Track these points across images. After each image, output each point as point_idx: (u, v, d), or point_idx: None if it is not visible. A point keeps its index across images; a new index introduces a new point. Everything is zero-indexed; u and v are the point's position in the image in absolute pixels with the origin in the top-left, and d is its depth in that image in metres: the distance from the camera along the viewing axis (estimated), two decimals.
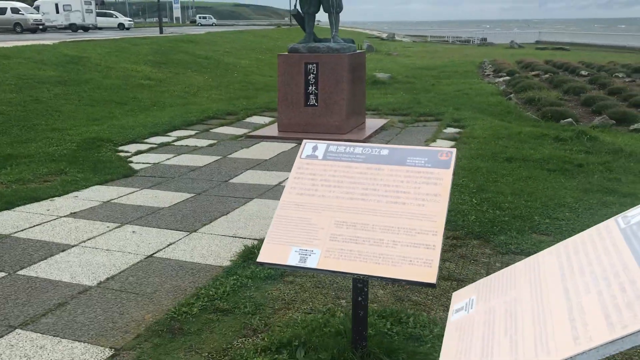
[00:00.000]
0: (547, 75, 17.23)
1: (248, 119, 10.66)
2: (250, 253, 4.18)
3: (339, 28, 9.27)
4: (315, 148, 2.82)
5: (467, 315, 1.96)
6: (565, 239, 4.98)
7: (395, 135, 9.01)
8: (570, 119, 10.11)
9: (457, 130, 9.07)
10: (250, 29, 42.64)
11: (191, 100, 13.32)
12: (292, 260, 2.45)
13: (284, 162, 7.29)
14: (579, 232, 5.04)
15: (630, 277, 1.51)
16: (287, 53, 9.02)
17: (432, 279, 2.26)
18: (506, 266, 4.21)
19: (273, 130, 9.30)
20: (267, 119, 10.67)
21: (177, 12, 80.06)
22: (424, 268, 2.30)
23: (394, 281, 2.33)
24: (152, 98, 12.86)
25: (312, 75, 8.75)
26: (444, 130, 9.06)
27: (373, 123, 9.71)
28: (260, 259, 2.50)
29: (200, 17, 74.40)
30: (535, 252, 4.43)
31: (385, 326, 3.17)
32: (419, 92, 14.03)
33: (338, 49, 8.75)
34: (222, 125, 10.01)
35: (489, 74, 18.95)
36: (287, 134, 8.88)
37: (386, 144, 8.40)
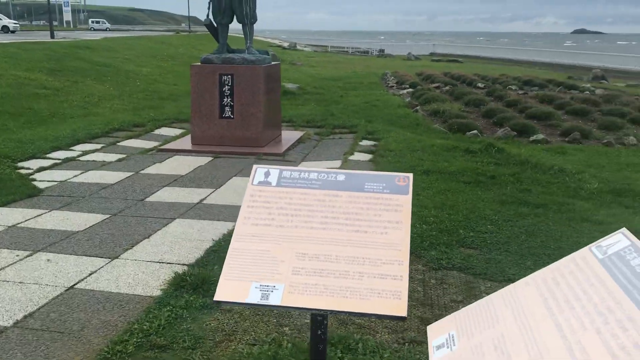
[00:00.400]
0: (447, 88, 17.96)
1: (157, 131, 10.22)
2: (181, 280, 3.94)
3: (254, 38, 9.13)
4: (267, 174, 2.68)
5: (451, 352, 1.91)
6: (491, 251, 5.13)
7: (312, 148, 8.97)
8: (475, 131, 10.55)
9: (372, 142, 9.18)
10: (148, 35, 41.26)
11: (93, 111, 12.61)
12: (253, 297, 2.29)
13: (202, 178, 7.03)
14: (503, 244, 5.22)
15: (627, 314, 1.51)
16: (199, 64, 8.74)
17: (403, 312, 2.19)
18: (441, 283, 4.28)
19: (186, 143, 8.97)
20: (177, 131, 10.29)
21: (67, 16, 75.96)
22: (393, 300, 2.23)
23: (363, 315, 2.24)
24: (50, 109, 12.04)
25: (227, 86, 8.53)
26: (360, 143, 9.14)
27: (289, 135, 9.63)
28: (217, 297, 2.31)
29: (93, 22, 71.11)
30: (466, 267, 4.53)
31: (337, 355, 3.08)
32: (329, 103, 14.13)
33: (254, 61, 8.60)
34: (129, 137, 9.52)
35: (393, 86, 19.48)
36: (202, 147, 8.59)
37: (304, 157, 8.36)
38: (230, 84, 8.52)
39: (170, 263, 4.33)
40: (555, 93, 16.92)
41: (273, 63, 9.27)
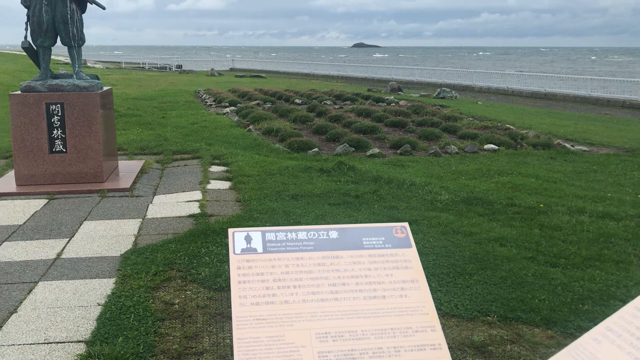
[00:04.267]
0: (269, 105, 18.04)
1: None
2: None
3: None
4: (249, 239, 2.27)
5: None
6: None
7: (159, 178, 8.27)
8: (316, 149, 10.67)
9: (223, 168, 8.76)
10: None
11: None
12: None
13: (47, 226, 6.03)
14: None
15: None
16: (20, 92, 7.56)
17: None
18: None
19: (8, 184, 7.67)
20: None
21: None
22: None
23: None
24: None
25: (56, 117, 7.49)
26: (211, 170, 8.66)
27: (128, 166, 8.78)
28: None
29: None
30: None
31: None
32: (155, 126, 13.28)
33: (87, 87, 7.67)
34: None
35: (211, 104, 19.03)
36: (30, 188, 7.42)
37: (155, 189, 7.66)
38: (60, 114, 7.49)
39: (61, 342, 3.56)
40: (368, 106, 17.91)
41: (105, 88, 8.37)
